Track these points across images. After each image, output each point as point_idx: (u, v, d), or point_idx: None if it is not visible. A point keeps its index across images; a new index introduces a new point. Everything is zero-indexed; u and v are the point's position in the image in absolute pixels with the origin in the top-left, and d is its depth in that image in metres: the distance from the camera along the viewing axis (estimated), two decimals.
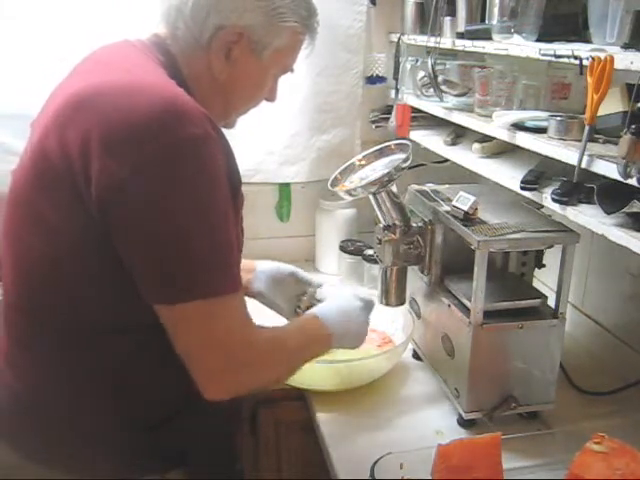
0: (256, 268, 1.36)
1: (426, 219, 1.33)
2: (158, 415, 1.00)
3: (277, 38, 1.03)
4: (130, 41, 1.04)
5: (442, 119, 1.57)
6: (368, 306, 1.26)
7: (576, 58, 1.03)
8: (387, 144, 1.38)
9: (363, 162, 1.39)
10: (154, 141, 0.85)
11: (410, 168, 1.29)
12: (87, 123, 0.87)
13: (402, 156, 1.30)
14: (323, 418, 1.31)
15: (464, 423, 1.26)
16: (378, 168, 1.35)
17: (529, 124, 1.21)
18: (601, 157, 1.01)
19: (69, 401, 0.98)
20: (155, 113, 0.86)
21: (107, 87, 0.90)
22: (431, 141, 1.67)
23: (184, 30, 1.01)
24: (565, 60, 1.06)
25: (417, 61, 1.71)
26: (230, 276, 0.92)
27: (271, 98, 1.16)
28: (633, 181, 0.92)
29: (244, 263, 1.15)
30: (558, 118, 1.15)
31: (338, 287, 1.34)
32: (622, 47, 0.99)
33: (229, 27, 0.99)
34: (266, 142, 1.90)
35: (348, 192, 1.31)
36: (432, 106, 1.62)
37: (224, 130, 1.12)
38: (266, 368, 1.02)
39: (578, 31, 1.18)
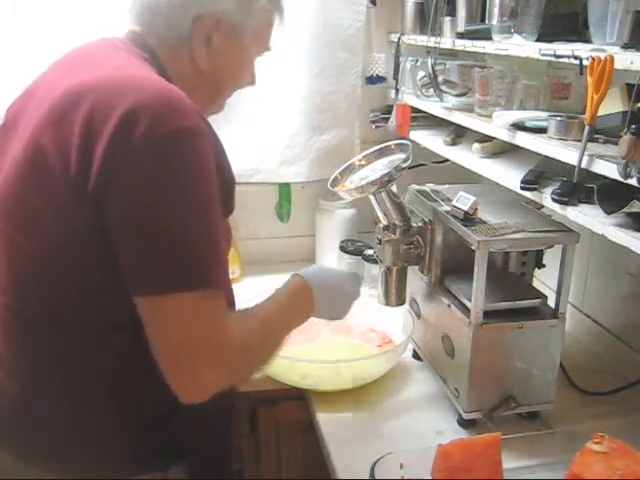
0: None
1: (426, 219, 1.33)
2: (155, 413, 1.00)
3: (251, 19, 1.04)
4: (109, 39, 1.03)
5: (442, 119, 1.57)
6: (354, 277, 1.27)
7: (576, 58, 1.03)
8: (387, 144, 1.38)
9: (363, 162, 1.39)
10: (150, 133, 0.85)
11: (410, 168, 1.29)
12: (85, 119, 0.87)
13: (402, 156, 1.30)
14: (323, 418, 1.31)
15: (464, 423, 1.26)
16: (378, 168, 1.34)
17: (529, 124, 1.21)
18: (601, 157, 1.01)
19: (65, 400, 0.98)
20: (152, 105, 0.86)
21: (102, 82, 0.91)
22: (431, 141, 1.67)
23: (162, 26, 1.01)
24: (565, 60, 1.06)
25: (417, 61, 1.71)
26: (214, 272, 0.90)
27: (252, 81, 1.16)
28: (633, 181, 0.92)
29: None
30: (558, 118, 1.15)
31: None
32: (622, 47, 0.99)
33: (207, 15, 1.00)
34: (266, 142, 1.90)
35: (348, 192, 1.31)
36: (432, 106, 1.62)
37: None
38: (248, 363, 1.02)
39: (578, 31, 1.18)
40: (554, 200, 1.10)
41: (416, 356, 1.49)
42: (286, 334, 1.09)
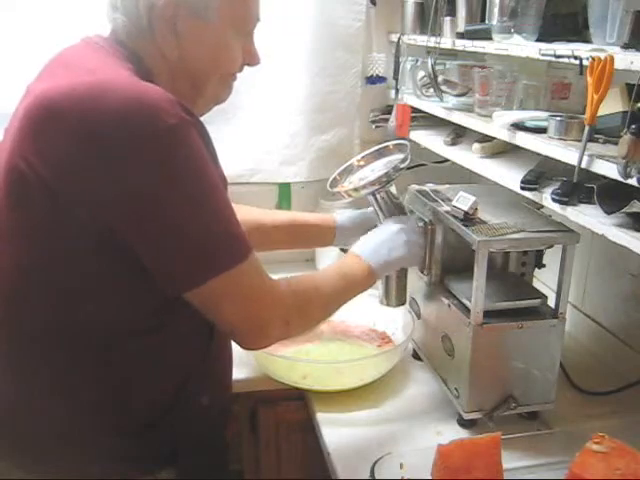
0: (336, 224, 1.42)
1: (426, 219, 1.33)
2: (148, 415, 1.00)
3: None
4: (91, 39, 1.02)
5: (442, 119, 1.57)
6: (406, 226, 1.26)
7: (576, 58, 1.03)
8: (386, 144, 1.38)
9: (362, 162, 1.39)
10: (132, 139, 0.85)
11: (410, 168, 1.29)
12: (54, 139, 0.87)
13: (400, 156, 1.30)
14: (323, 418, 1.30)
15: (464, 423, 1.26)
16: (377, 168, 1.35)
17: (529, 124, 1.21)
18: (601, 157, 1.01)
19: (55, 404, 0.97)
20: (124, 113, 0.86)
21: (70, 94, 0.89)
22: (431, 141, 1.67)
23: (124, 22, 0.99)
24: (565, 60, 1.06)
25: (417, 61, 1.71)
26: (242, 241, 0.96)
27: (252, 61, 1.09)
28: (633, 181, 0.92)
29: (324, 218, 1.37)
30: (558, 118, 1.15)
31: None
32: (622, 47, 0.99)
33: (160, 3, 0.96)
34: (265, 142, 1.90)
35: (347, 193, 1.31)
36: (432, 106, 1.62)
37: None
38: (299, 312, 1.08)
39: (578, 31, 1.18)
40: (554, 200, 1.10)
41: (416, 356, 1.49)
42: (346, 297, 1.17)
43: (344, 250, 1.83)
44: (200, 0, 0.97)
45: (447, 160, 1.64)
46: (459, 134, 1.59)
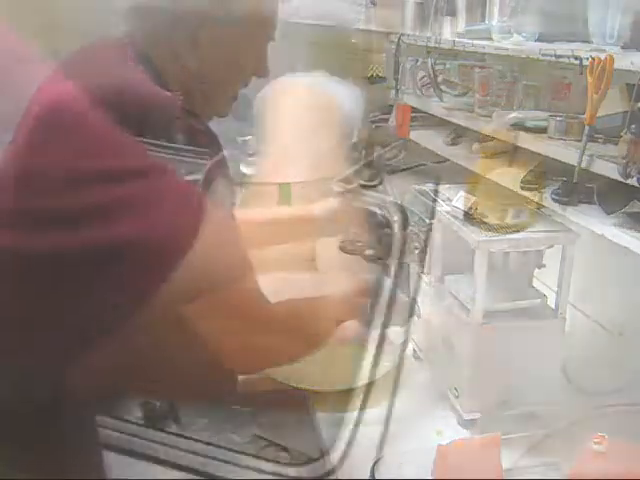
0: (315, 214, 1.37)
1: (426, 219, 1.33)
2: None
3: (235, 9, 0.99)
4: (107, 40, 1.02)
5: (442, 119, 1.57)
6: None
7: (576, 58, 1.03)
8: (384, 150, 1.39)
9: (359, 163, 1.39)
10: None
11: (410, 168, 1.29)
12: (60, 142, 0.86)
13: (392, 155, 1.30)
14: (323, 418, 1.30)
15: (464, 423, 1.26)
16: (373, 169, 1.35)
17: (529, 124, 1.21)
18: (601, 157, 1.01)
19: (57, 399, 0.97)
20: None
21: (80, 96, 0.87)
22: (431, 141, 1.67)
23: (142, 26, 0.99)
24: (565, 60, 1.06)
25: (417, 61, 1.71)
26: (240, 257, 0.93)
27: (262, 73, 1.11)
28: (633, 181, 0.93)
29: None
30: (558, 118, 1.15)
31: None
32: (622, 47, 1.00)
33: (186, 13, 0.96)
34: (265, 142, 1.90)
35: (345, 193, 1.31)
36: (432, 106, 1.62)
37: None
38: (297, 336, 1.05)
39: (578, 31, 1.18)
40: (554, 200, 1.10)
41: (416, 356, 1.49)
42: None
43: (344, 249, 1.83)
44: (225, 12, 0.98)
45: (447, 160, 1.64)
46: (459, 134, 1.59)
